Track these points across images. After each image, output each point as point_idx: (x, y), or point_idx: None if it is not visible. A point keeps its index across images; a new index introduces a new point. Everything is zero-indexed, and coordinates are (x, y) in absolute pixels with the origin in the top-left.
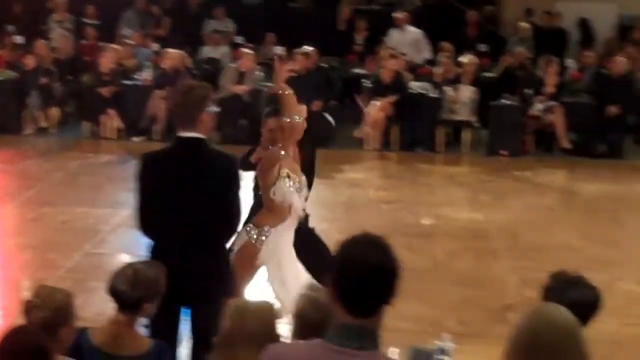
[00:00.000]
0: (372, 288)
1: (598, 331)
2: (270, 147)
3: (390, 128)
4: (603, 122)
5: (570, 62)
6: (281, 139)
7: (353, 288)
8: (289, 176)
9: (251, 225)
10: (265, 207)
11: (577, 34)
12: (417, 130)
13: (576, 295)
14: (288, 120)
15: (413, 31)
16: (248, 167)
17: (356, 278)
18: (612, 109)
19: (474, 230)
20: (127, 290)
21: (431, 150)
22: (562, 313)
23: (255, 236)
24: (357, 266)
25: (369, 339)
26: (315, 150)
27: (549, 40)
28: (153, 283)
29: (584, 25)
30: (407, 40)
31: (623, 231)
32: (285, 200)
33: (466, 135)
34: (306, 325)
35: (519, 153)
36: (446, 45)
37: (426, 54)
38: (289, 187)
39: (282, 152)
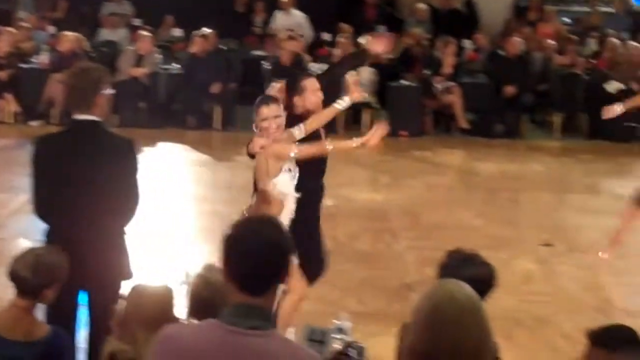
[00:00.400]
0: (263, 266)
1: (496, 308)
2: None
3: None
4: (500, 102)
5: (467, 43)
6: (279, 127)
7: (244, 266)
8: (290, 170)
9: None
10: (262, 201)
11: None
12: None
13: (471, 273)
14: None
15: (297, 14)
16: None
17: (246, 256)
18: (509, 89)
19: (374, 211)
20: (28, 276)
21: (331, 131)
22: (463, 288)
23: None
24: (247, 244)
25: (261, 318)
26: None
27: (446, 21)
28: (54, 269)
29: (470, 6)
30: (291, 23)
31: (520, 210)
32: (283, 194)
33: (366, 116)
34: (200, 306)
35: (419, 133)
36: (345, 26)
37: (308, 37)
38: (289, 180)
39: (295, 152)
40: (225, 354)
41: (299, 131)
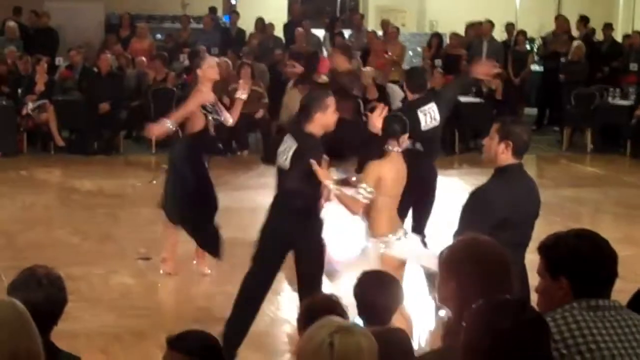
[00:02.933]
0: None
1: (94, 324)
2: None
3: None
4: (96, 119)
5: (60, 61)
6: None
7: None
8: None
9: None
10: None
11: (65, 32)
12: None
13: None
14: None
15: None
16: None
17: None
18: (103, 106)
19: None
20: None
21: None
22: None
23: None
24: None
25: None
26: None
27: (38, 39)
28: None
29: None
30: None
31: (119, 225)
32: None
33: None
34: None
35: (14, 153)
36: None
37: None
38: None
39: None
40: None
41: None
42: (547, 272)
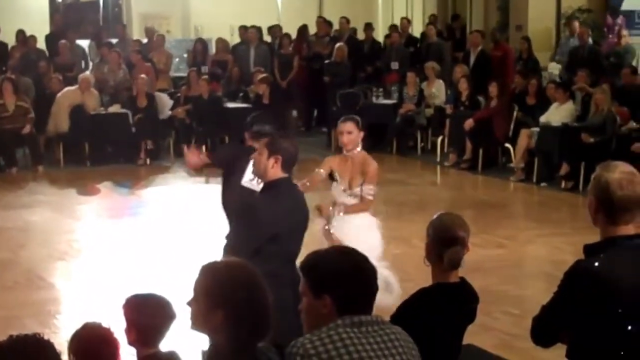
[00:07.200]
0: None
1: None
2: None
3: None
4: None
5: None
6: None
7: None
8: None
9: None
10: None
11: None
12: None
13: None
14: None
15: None
16: None
17: None
18: None
19: None
20: None
21: None
22: None
23: None
24: None
25: None
26: None
27: None
28: None
29: None
30: None
31: None
32: None
33: None
34: None
35: None
36: None
37: None
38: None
39: None
40: None
41: None
42: (310, 290)
